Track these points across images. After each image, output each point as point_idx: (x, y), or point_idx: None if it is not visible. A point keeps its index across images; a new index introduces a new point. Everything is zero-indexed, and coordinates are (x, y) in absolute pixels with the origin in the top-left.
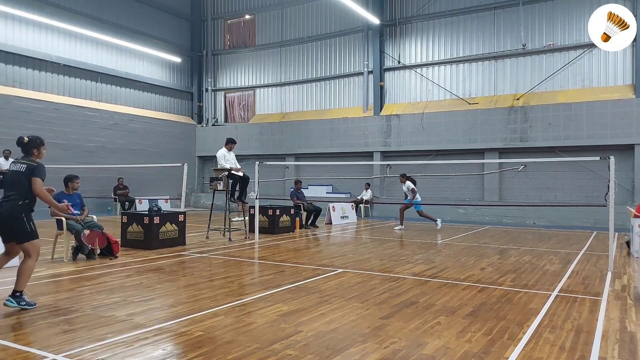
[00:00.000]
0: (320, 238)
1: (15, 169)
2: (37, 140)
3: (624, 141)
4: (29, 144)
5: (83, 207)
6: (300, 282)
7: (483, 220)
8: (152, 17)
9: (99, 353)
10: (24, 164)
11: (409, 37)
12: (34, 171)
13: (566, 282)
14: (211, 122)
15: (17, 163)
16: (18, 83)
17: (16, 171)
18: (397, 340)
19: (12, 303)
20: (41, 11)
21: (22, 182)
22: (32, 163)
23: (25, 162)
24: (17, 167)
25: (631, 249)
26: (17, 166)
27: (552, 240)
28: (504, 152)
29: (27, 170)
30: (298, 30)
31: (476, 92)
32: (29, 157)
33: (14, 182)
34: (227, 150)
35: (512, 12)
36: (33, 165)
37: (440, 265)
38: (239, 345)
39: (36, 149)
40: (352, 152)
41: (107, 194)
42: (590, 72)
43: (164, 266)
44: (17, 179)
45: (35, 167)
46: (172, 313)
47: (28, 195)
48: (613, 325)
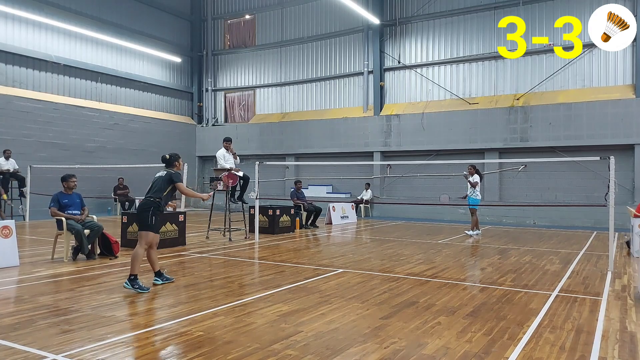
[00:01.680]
0: (321, 238)
1: (159, 175)
2: (176, 157)
3: (624, 141)
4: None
5: (83, 207)
6: (300, 282)
7: (483, 220)
8: (152, 17)
9: (99, 353)
10: (166, 172)
11: (409, 37)
12: (173, 177)
13: (566, 282)
14: (211, 122)
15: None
16: (18, 83)
17: (159, 177)
18: (397, 340)
19: (128, 286)
20: (41, 11)
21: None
22: (171, 171)
23: (167, 171)
24: (161, 174)
25: (631, 249)
26: (160, 173)
27: (552, 240)
28: (504, 152)
29: (166, 176)
30: (298, 30)
31: (476, 92)
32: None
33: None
34: (225, 149)
35: (512, 12)
36: (172, 173)
37: (441, 265)
38: (239, 345)
39: (177, 161)
40: (352, 152)
41: (107, 194)
42: (590, 72)
43: (164, 266)
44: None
45: (173, 174)
46: (172, 313)
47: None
48: (613, 325)
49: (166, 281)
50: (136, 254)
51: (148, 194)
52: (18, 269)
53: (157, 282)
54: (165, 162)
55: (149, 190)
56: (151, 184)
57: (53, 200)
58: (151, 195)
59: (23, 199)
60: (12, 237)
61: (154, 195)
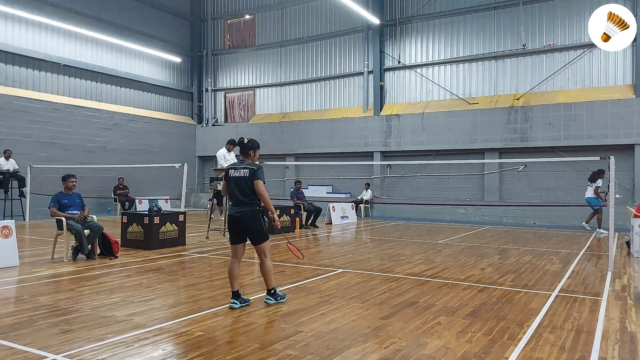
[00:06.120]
0: (320, 238)
1: (239, 175)
2: (255, 144)
3: (624, 141)
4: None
5: (83, 207)
6: (300, 282)
7: (483, 221)
8: (152, 17)
9: (99, 353)
10: (245, 168)
11: (409, 37)
12: (255, 174)
13: (566, 282)
14: (211, 122)
15: (238, 169)
16: (18, 83)
17: (240, 177)
18: (397, 340)
19: (271, 300)
20: (41, 11)
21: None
22: (252, 167)
23: (246, 167)
24: (240, 173)
25: (631, 249)
26: (239, 172)
27: (552, 240)
28: (504, 152)
29: (250, 174)
30: (298, 30)
31: (476, 92)
32: (247, 161)
33: (242, 188)
34: (227, 151)
35: (512, 12)
36: (254, 169)
37: (441, 265)
38: (239, 345)
39: (253, 150)
40: (352, 152)
41: (107, 194)
42: (590, 72)
43: (164, 266)
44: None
45: (255, 170)
46: (172, 313)
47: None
48: (613, 325)
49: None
50: (267, 267)
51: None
52: (18, 269)
53: (270, 301)
54: (241, 147)
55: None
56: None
57: (53, 200)
58: (250, 203)
59: (23, 199)
60: (12, 237)
61: (253, 201)
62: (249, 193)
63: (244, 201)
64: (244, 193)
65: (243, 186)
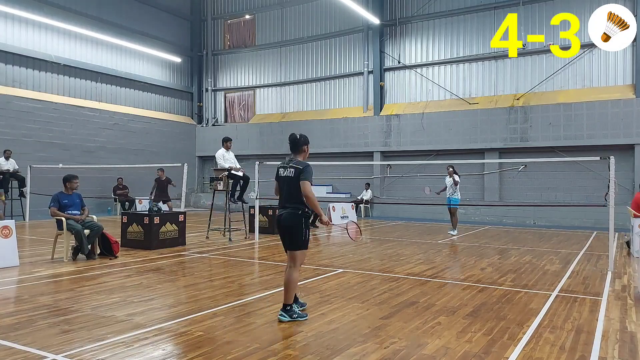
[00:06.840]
0: (320, 238)
1: (285, 174)
2: (307, 139)
3: (624, 141)
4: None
5: (83, 207)
6: (300, 282)
7: (483, 220)
8: (152, 17)
9: (99, 353)
10: (291, 167)
11: (409, 37)
12: (302, 174)
13: (566, 282)
14: (211, 122)
15: (287, 168)
16: (18, 83)
17: (286, 177)
18: (397, 340)
19: (285, 317)
20: (41, 11)
21: (297, 188)
22: (298, 166)
23: (293, 166)
24: (287, 173)
25: (631, 249)
26: (286, 171)
27: (552, 240)
28: (504, 152)
29: (295, 174)
30: (298, 30)
31: (476, 92)
32: (296, 159)
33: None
34: (226, 150)
35: (512, 12)
36: (300, 169)
37: (440, 265)
38: (239, 345)
39: (306, 145)
40: (352, 152)
41: (107, 194)
42: (591, 72)
43: (164, 266)
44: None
45: (302, 170)
46: (172, 313)
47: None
48: (613, 325)
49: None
50: (292, 279)
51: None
52: (18, 269)
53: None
54: (292, 144)
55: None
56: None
57: (53, 200)
58: (293, 207)
59: (23, 199)
60: (12, 237)
61: (298, 203)
62: (295, 194)
63: (288, 202)
64: (289, 194)
65: (289, 187)
